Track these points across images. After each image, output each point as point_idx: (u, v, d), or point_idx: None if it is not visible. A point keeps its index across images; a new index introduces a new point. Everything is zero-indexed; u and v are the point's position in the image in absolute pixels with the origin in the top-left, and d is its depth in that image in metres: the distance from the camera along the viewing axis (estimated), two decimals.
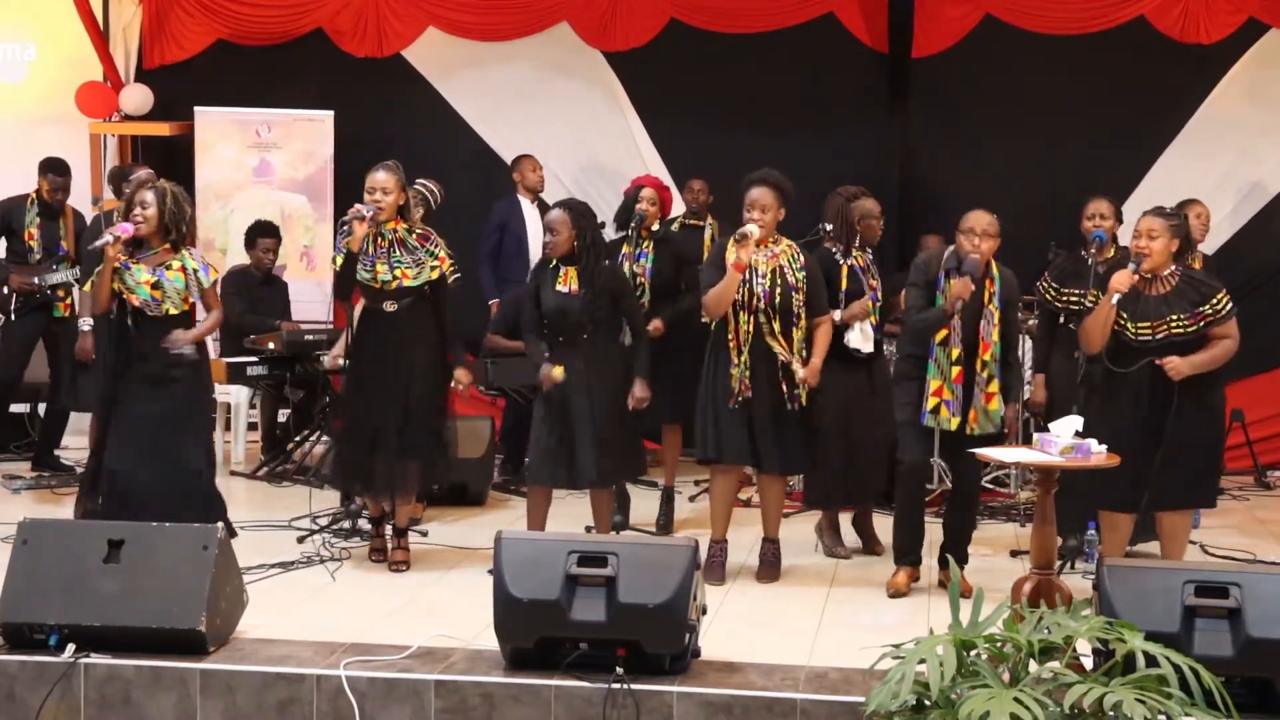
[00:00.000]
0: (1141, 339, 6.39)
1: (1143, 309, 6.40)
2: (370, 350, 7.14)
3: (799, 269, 7.01)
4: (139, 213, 6.96)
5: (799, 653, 5.93)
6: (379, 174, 7.11)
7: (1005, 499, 8.87)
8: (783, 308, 6.94)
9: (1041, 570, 6.07)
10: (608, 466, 7.07)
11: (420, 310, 7.17)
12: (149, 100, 10.83)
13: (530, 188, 9.78)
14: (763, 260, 6.96)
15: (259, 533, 7.85)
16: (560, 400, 7.01)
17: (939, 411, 6.79)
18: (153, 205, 6.96)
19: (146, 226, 6.95)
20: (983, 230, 6.82)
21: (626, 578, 5.48)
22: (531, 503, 7.23)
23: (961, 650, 4.72)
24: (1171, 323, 6.38)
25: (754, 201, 6.97)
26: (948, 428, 6.82)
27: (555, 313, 7.07)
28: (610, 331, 7.19)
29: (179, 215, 7.00)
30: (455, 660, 5.71)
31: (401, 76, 10.72)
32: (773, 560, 7.17)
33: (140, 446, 6.90)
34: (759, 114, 10.29)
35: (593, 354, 7.05)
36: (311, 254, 10.63)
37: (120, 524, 6.05)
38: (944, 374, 6.79)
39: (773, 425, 6.96)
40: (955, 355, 6.78)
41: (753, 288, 6.91)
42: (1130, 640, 4.74)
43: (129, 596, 5.71)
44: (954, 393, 6.77)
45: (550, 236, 7.10)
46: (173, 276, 6.96)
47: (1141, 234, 6.44)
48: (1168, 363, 6.33)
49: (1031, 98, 10.21)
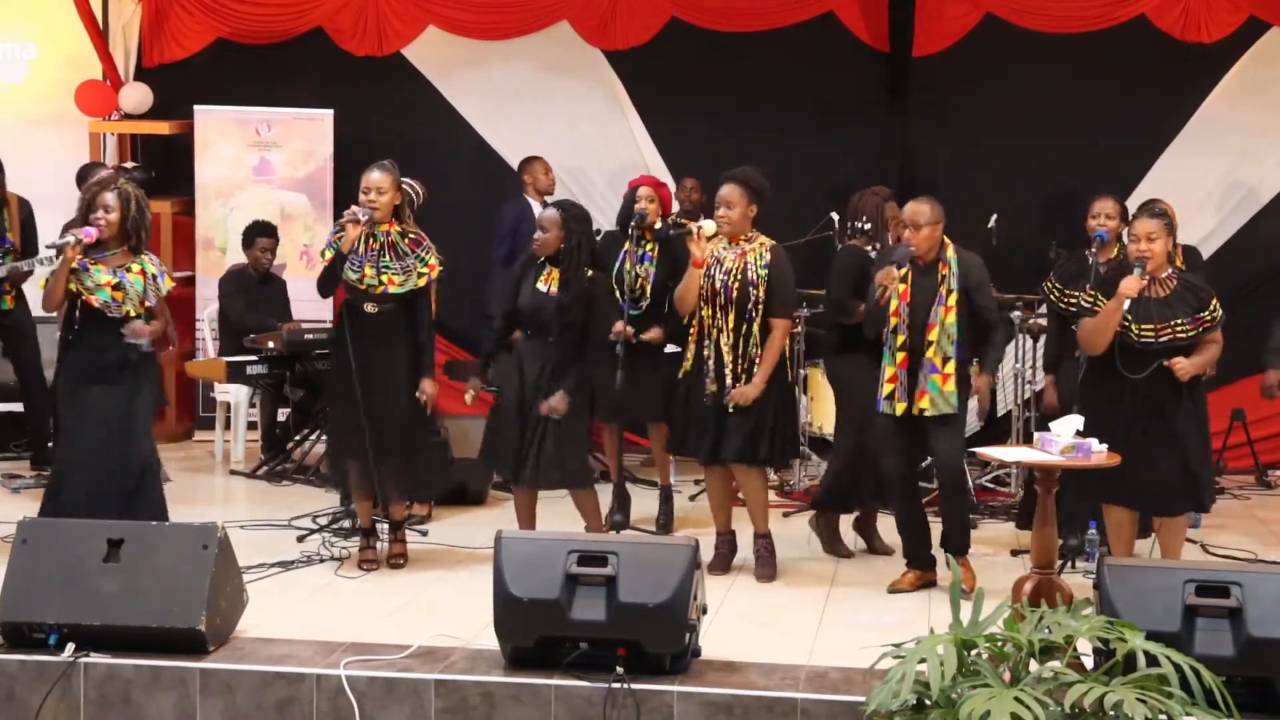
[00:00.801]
0: (1145, 341, 6.42)
1: (1145, 311, 6.43)
2: (346, 350, 7.13)
3: (763, 266, 7.06)
4: (101, 216, 6.85)
5: (799, 652, 5.93)
6: (374, 174, 7.12)
7: (1006, 498, 8.86)
8: (738, 302, 7.01)
9: (1042, 570, 6.07)
10: (550, 470, 7.06)
11: (400, 315, 7.19)
12: (149, 99, 10.82)
13: (542, 190, 9.72)
14: (730, 256, 7.07)
15: (259, 532, 7.84)
16: (518, 401, 7.06)
17: (892, 397, 6.86)
18: (115, 210, 6.86)
19: (108, 230, 6.87)
20: (910, 219, 6.86)
21: (627, 577, 5.48)
22: (517, 502, 7.30)
23: (962, 650, 4.72)
24: (1176, 327, 6.44)
25: (720, 198, 7.14)
26: (894, 413, 6.85)
27: (529, 309, 7.13)
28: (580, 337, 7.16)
29: (140, 222, 6.92)
30: (455, 660, 5.71)
31: (401, 75, 10.71)
32: (768, 556, 7.19)
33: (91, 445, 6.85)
34: (759, 113, 10.27)
35: (557, 357, 7.07)
36: (311, 253, 10.59)
37: (120, 523, 6.06)
38: (894, 359, 6.86)
39: (721, 416, 7.04)
40: (900, 341, 6.85)
41: (713, 282, 7.03)
42: (1131, 640, 4.74)
43: (129, 596, 5.71)
44: (900, 378, 6.84)
45: (540, 234, 7.14)
46: (134, 279, 6.89)
47: (1140, 237, 6.46)
48: (1176, 364, 6.39)
49: (1032, 97, 10.19)
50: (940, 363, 6.81)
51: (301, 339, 9.38)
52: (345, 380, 7.11)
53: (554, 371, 7.05)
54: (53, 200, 10.21)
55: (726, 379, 7.04)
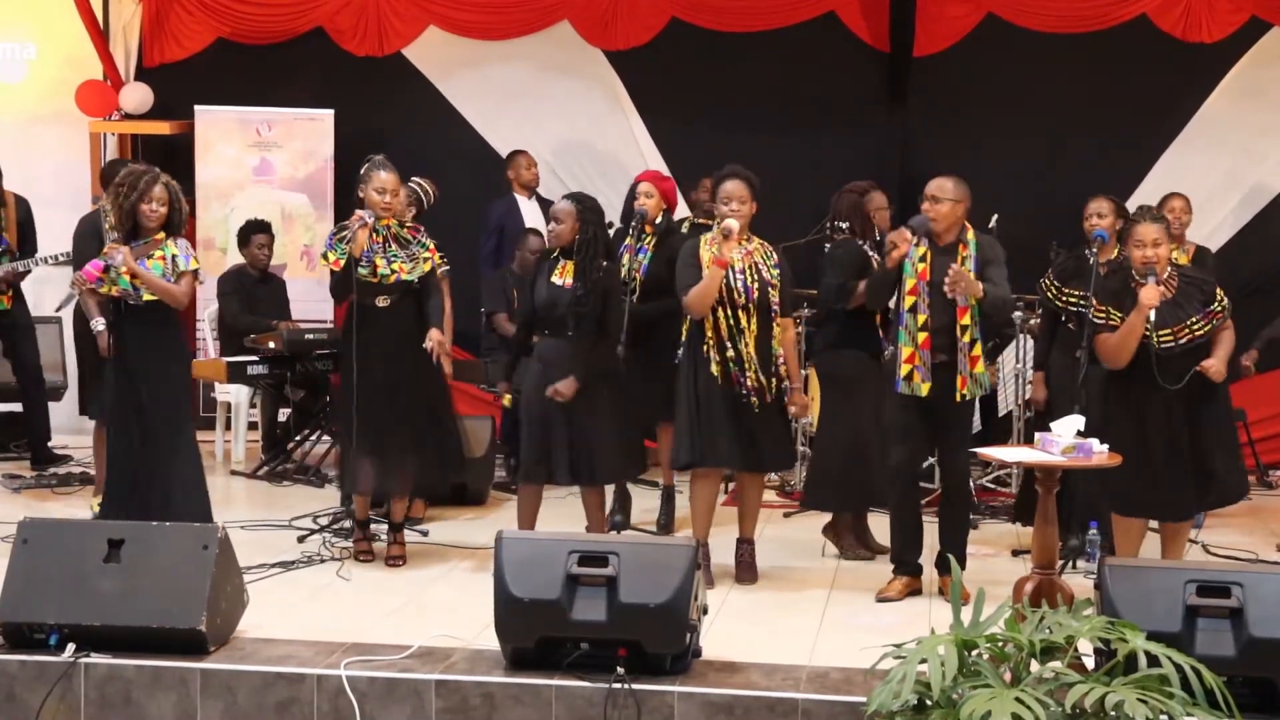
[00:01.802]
0: (1165, 346, 6.41)
1: (1159, 316, 6.40)
2: (363, 349, 7.13)
3: (773, 265, 7.00)
4: (155, 209, 6.97)
5: (800, 653, 5.93)
6: (383, 174, 7.14)
7: (1007, 498, 8.86)
8: (760, 304, 6.93)
9: (1043, 570, 6.07)
10: (586, 467, 7.03)
11: (410, 305, 7.21)
12: (149, 99, 10.83)
13: (525, 184, 9.78)
14: (738, 257, 6.94)
15: (259, 532, 7.85)
16: (546, 397, 7.00)
17: (911, 378, 6.72)
18: (164, 204, 7.00)
19: (156, 222, 7.00)
20: (932, 194, 6.78)
21: (627, 577, 5.47)
22: (520, 500, 7.24)
23: (963, 650, 4.71)
24: (1192, 326, 6.44)
25: (729, 194, 6.96)
26: (919, 393, 6.73)
27: (545, 304, 7.08)
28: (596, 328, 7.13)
29: (180, 218, 7.09)
30: (456, 660, 5.71)
31: (402, 75, 10.72)
32: (749, 560, 7.14)
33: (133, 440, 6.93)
34: (760, 113, 10.28)
35: (579, 354, 7.01)
36: (312, 253, 10.61)
37: (120, 523, 6.06)
38: (913, 339, 6.73)
39: (752, 423, 6.94)
40: (921, 321, 6.71)
41: (731, 284, 6.90)
42: (1132, 640, 4.74)
43: (129, 596, 5.70)
44: (923, 359, 6.71)
45: (554, 225, 7.13)
46: (152, 265, 6.96)
47: (1146, 243, 6.44)
48: (1209, 368, 6.41)
49: (1033, 97, 10.21)
50: (970, 345, 6.74)
51: (302, 339, 9.38)
52: (359, 375, 7.11)
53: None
54: (53, 200, 10.24)
55: (758, 383, 6.90)
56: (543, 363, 7.07)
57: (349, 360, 7.20)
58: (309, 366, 9.42)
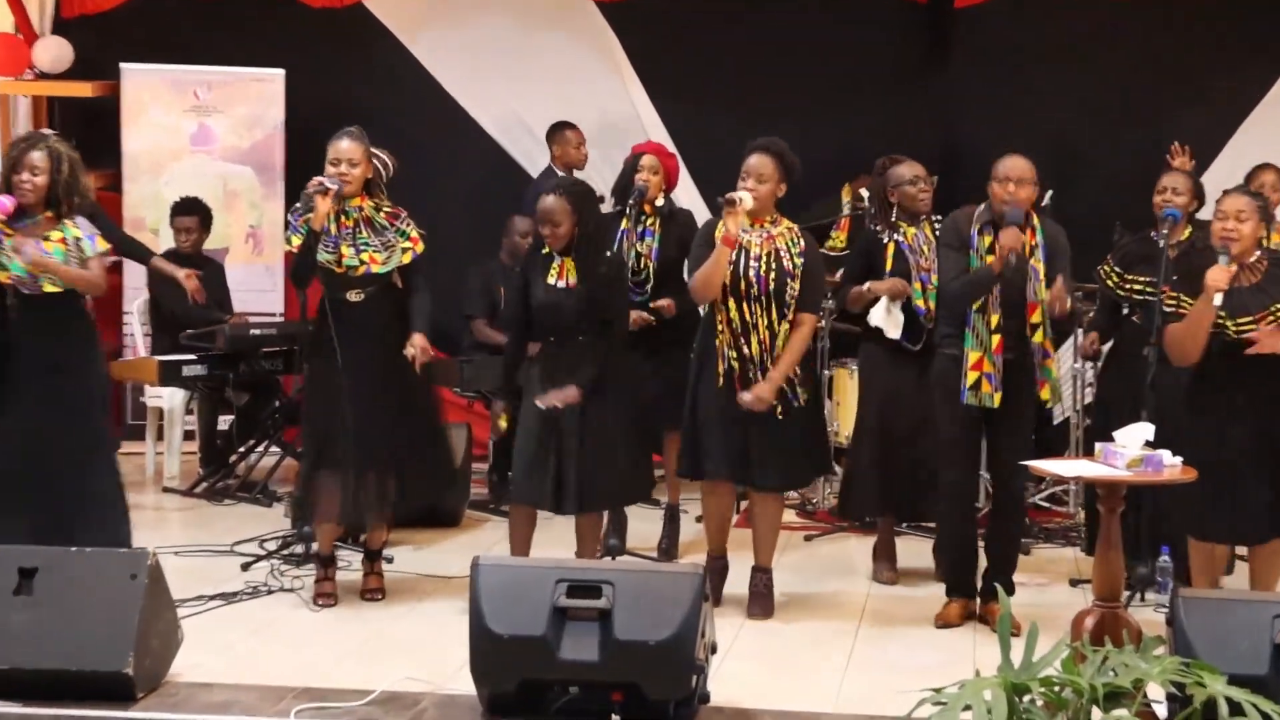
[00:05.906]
0: (1244, 335, 6.41)
1: (1239, 302, 6.41)
2: (333, 350, 7.09)
3: (798, 254, 7.00)
4: (26, 178, 6.87)
5: (823, 697, 5.95)
6: (343, 143, 7.10)
7: (1063, 519, 8.86)
8: (776, 295, 6.93)
9: (1106, 602, 6.07)
10: (597, 492, 7.03)
11: (387, 303, 7.17)
12: (67, 55, 10.80)
13: (572, 164, 9.69)
14: (757, 242, 6.96)
15: (196, 559, 7.84)
16: (549, 410, 6.98)
17: (980, 387, 6.75)
18: (44, 173, 6.89)
19: (34, 194, 6.89)
20: (1019, 176, 6.80)
21: (624, 611, 5.48)
22: (513, 523, 7.22)
23: (1013, 695, 4.71)
24: (1278, 313, 6.41)
25: (749, 169, 6.99)
26: (990, 404, 6.77)
27: (546, 309, 7.03)
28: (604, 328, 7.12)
29: (73, 186, 6.96)
30: (425, 707, 5.72)
31: (363, 29, 10.72)
32: (765, 592, 7.16)
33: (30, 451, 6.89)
34: (777, 74, 10.29)
35: (588, 360, 7.00)
36: (259, 235, 10.61)
37: (33, 549, 6.03)
38: (983, 344, 6.76)
39: (762, 434, 6.95)
40: (995, 323, 6.75)
41: (744, 271, 6.91)
42: (1210, 684, 4.73)
43: (43, 634, 5.69)
44: (995, 364, 6.74)
45: (549, 229, 7.02)
46: (51, 249, 6.89)
47: (1229, 215, 6.46)
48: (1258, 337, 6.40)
49: (1094, 51, 10.20)
50: (1042, 346, 6.81)
51: (247, 335, 9.35)
52: (329, 380, 7.09)
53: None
54: None
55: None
56: (545, 373, 7.04)
57: (318, 364, 7.18)
58: (255, 366, 9.39)
